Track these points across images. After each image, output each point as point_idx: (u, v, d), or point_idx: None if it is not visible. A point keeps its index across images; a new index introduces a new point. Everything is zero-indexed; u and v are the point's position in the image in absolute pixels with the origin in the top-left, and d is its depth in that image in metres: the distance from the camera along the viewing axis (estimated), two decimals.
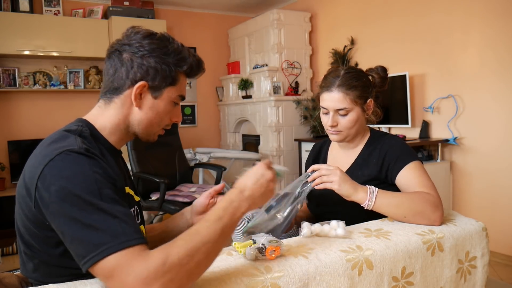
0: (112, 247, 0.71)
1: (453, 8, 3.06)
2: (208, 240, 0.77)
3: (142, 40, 0.94)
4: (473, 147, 3.02)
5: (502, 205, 2.84)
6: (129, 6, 4.33)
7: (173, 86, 0.97)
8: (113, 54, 0.96)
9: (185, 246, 0.74)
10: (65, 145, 0.84)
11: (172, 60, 0.95)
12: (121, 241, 0.72)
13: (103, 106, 0.98)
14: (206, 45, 5.14)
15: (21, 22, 3.84)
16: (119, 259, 0.71)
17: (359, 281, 0.97)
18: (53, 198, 0.77)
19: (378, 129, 1.57)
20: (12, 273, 1.01)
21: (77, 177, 0.78)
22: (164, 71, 0.94)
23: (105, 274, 0.72)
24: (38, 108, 4.21)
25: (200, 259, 0.75)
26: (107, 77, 0.97)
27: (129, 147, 3.20)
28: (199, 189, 3.16)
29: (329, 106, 1.38)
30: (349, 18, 4.05)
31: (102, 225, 0.74)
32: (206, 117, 5.22)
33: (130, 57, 0.94)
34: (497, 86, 2.82)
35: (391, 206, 1.20)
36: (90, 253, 0.72)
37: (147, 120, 0.98)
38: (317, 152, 1.62)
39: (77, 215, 0.75)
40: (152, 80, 0.94)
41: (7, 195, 3.73)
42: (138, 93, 0.95)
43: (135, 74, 0.94)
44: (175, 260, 0.71)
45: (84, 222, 0.74)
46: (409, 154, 1.34)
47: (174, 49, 0.96)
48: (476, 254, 1.18)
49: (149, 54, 0.93)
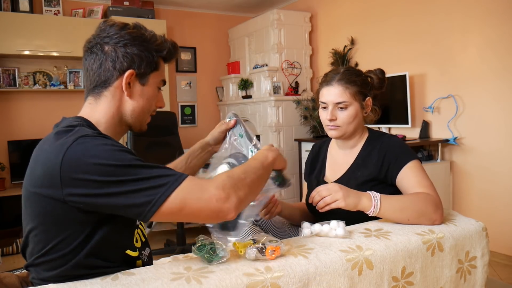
0: (174, 182, 0.82)
1: (453, 8, 3.06)
2: (255, 167, 0.97)
3: (120, 31, 0.96)
4: (473, 147, 3.02)
5: (502, 205, 2.84)
6: (129, 6, 4.33)
7: (157, 71, 1.01)
8: (94, 48, 0.97)
9: (239, 169, 0.94)
10: (76, 134, 0.85)
11: (152, 46, 0.99)
12: (177, 176, 0.84)
13: (93, 102, 0.99)
14: (206, 45, 5.14)
15: (21, 22, 3.84)
16: (186, 188, 0.83)
17: (359, 281, 0.97)
18: (92, 177, 0.80)
19: (378, 129, 1.58)
20: (12, 272, 1.01)
21: (104, 152, 0.82)
22: (147, 57, 0.98)
23: (176, 207, 0.82)
24: (38, 108, 4.20)
25: (254, 178, 0.94)
26: (91, 72, 0.97)
27: (129, 147, 3.20)
28: None
29: (328, 100, 1.39)
30: (349, 18, 4.05)
31: (151, 173, 0.82)
32: (206, 117, 5.22)
33: (113, 47, 0.95)
34: (497, 86, 2.82)
35: (396, 210, 1.19)
36: (156, 195, 0.80)
37: (139, 108, 1.00)
38: (316, 152, 1.62)
39: (125, 178, 0.80)
40: (138, 67, 0.97)
41: (7, 195, 3.72)
42: (127, 82, 0.96)
43: (121, 64, 0.95)
44: (236, 176, 0.90)
45: (135, 179, 0.81)
46: (408, 153, 1.34)
47: (152, 36, 1.00)
48: (476, 254, 1.18)
49: (131, 43, 0.96)
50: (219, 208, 0.85)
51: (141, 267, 0.91)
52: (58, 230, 0.85)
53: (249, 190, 0.91)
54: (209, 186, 0.85)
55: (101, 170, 0.80)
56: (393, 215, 1.20)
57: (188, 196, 0.83)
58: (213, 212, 0.85)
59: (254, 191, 0.95)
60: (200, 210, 0.84)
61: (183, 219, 0.87)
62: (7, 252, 3.23)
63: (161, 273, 0.86)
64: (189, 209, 0.83)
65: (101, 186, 0.80)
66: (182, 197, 0.82)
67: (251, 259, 0.93)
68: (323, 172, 1.54)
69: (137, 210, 0.81)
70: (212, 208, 0.84)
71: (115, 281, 0.83)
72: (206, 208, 0.84)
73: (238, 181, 0.89)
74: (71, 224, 0.85)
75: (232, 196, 0.86)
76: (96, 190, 0.80)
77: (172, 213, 0.83)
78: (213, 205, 0.84)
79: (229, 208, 0.85)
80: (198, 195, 0.84)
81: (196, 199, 0.83)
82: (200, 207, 0.84)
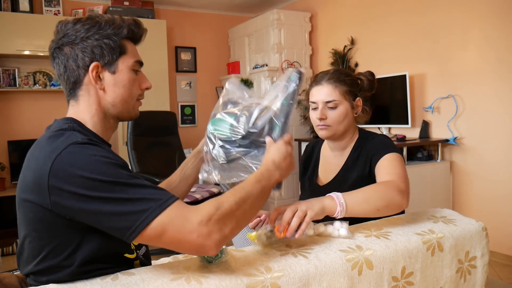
0: (156, 208, 0.77)
1: (453, 7, 3.06)
2: (252, 194, 0.88)
3: (74, 26, 0.94)
4: (473, 147, 3.02)
5: (502, 205, 2.84)
6: (129, 6, 4.33)
7: (124, 54, 0.97)
8: (54, 53, 0.96)
9: (233, 197, 0.84)
10: (67, 140, 0.84)
11: (110, 31, 0.95)
12: (162, 201, 0.78)
13: (75, 104, 0.98)
14: (206, 45, 5.14)
15: (21, 22, 3.84)
16: (169, 215, 0.77)
17: (359, 281, 0.97)
18: (77, 189, 0.77)
19: (378, 129, 1.58)
20: (12, 273, 1.01)
21: (91, 164, 0.79)
22: (107, 45, 0.94)
23: (157, 233, 0.77)
24: (38, 108, 4.21)
25: (246, 209, 0.86)
26: (62, 78, 0.96)
27: (129, 147, 3.20)
28: (199, 189, 3.16)
29: (318, 99, 1.40)
30: (349, 18, 4.05)
31: (136, 194, 0.78)
32: (206, 117, 5.19)
33: (70, 47, 0.93)
34: (497, 86, 2.82)
35: (361, 203, 1.12)
36: (136, 221, 0.76)
37: (119, 98, 0.97)
38: (309, 152, 1.63)
39: (108, 195, 0.77)
40: (101, 57, 0.94)
41: (7, 195, 3.73)
42: (96, 75, 0.94)
43: (83, 60, 0.93)
44: (226, 207, 0.81)
45: (118, 198, 0.77)
46: (389, 147, 1.35)
47: (106, 21, 0.96)
48: (476, 254, 1.18)
49: (86, 36, 0.93)
50: (199, 244, 0.78)
51: (141, 267, 0.91)
52: (51, 236, 0.84)
53: (236, 224, 0.84)
54: (193, 218, 0.78)
55: (85, 183, 0.77)
56: (361, 208, 1.12)
57: (169, 225, 0.77)
58: (192, 246, 0.79)
59: (243, 224, 0.87)
60: (179, 241, 0.79)
61: (164, 246, 0.81)
62: (7, 252, 3.23)
63: (161, 273, 0.86)
64: (168, 239, 0.78)
65: (85, 200, 0.78)
66: (163, 225, 0.77)
67: (265, 239, 0.98)
68: (315, 173, 1.54)
69: (118, 233, 0.79)
70: (191, 243, 0.78)
71: (115, 281, 0.83)
72: (186, 242, 0.78)
73: (227, 214, 0.81)
74: (62, 230, 0.84)
75: (215, 234, 0.79)
76: (79, 203, 0.78)
77: (151, 239, 0.79)
78: (193, 240, 0.78)
79: (210, 246, 0.79)
80: (180, 226, 0.77)
81: (176, 230, 0.77)
82: (180, 238, 0.78)
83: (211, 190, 3.14)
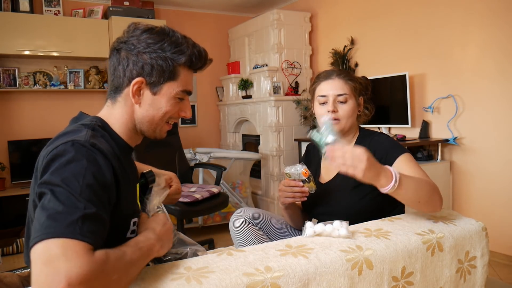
0: (58, 232, 0.69)
1: (453, 8, 3.06)
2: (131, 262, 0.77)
3: (140, 35, 0.94)
4: (473, 147, 3.02)
5: (502, 205, 2.84)
6: (129, 6, 4.33)
7: (173, 81, 0.96)
8: (112, 52, 0.97)
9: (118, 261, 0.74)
10: (73, 137, 0.84)
11: (169, 54, 0.94)
12: (70, 231, 0.69)
13: (110, 105, 1.00)
14: (206, 45, 5.08)
15: (21, 22, 3.84)
16: (60, 246, 0.67)
17: (359, 281, 0.97)
18: (45, 178, 0.77)
19: (378, 129, 1.58)
20: (13, 272, 1.01)
21: (68, 170, 0.77)
22: (160, 66, 0.94)
23: (42, 258, 0.67)
24: (38, 108, 4.21)
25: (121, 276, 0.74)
26: (110, 76, 0.99)
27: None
28: (199, 189, 3.16)
29: (329, 92, 1.42)
30: (349, 18, 4.05)
31: (62, 216, 0.71)
32: (206, 117, 5.22)
33: (126, 54, 0.94)
34: (497, 86, 2.82)
35: (412, 190, 1.12)
36: (38, 232, 0.69)
37: (149, 117, 0.97)
38: (310, 153, 1.63)
39: (49, 201, 0.73)
40: (148, 76, 0.94)
41: (7, 195, 3.72)
42: (137, 90, 0.95)
43: (131, 72, 0.94)
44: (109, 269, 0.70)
45: (48, 207, 0.72)
46: (398, 147, 1.36)
47: (172, 42, 0.95)
48: (475, 254, 1.18)
49: (144, 50, 0.93)
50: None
51: None
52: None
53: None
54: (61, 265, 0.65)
55: (51, 179, 0.76)
56: (407, 194, 1.12)
57: (40, 255, 0.67)
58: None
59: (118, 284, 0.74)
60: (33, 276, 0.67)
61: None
62: (7, 252, 3.23)
63: (161, 273, 0.86)
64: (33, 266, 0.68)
65: (40, 193, 0.76)
66: (51, 252, 0.67)
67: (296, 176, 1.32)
68: (318, 172, 1.54)
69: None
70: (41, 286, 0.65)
71: None
72: (36, 282, 0.66)
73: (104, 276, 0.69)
74: None
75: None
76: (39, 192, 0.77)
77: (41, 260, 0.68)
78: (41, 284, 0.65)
79: None
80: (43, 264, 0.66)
81: (38, 264, 0.66)
82: (35, 274, 0.66)
83: (211, 190, 3.14)
